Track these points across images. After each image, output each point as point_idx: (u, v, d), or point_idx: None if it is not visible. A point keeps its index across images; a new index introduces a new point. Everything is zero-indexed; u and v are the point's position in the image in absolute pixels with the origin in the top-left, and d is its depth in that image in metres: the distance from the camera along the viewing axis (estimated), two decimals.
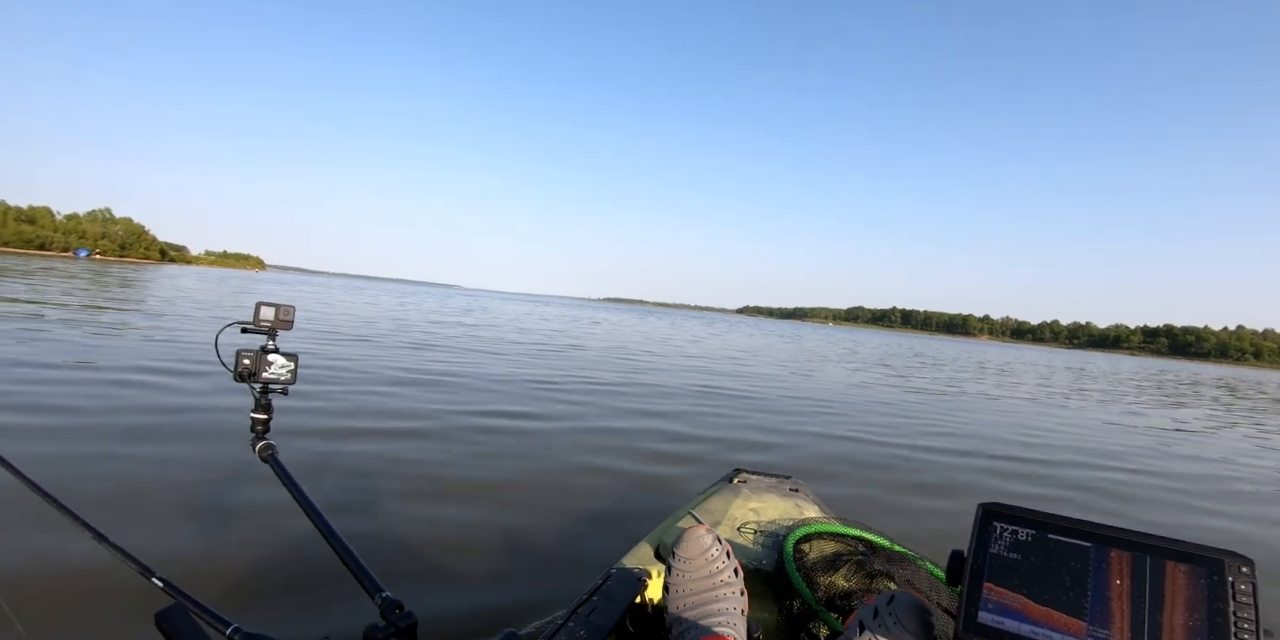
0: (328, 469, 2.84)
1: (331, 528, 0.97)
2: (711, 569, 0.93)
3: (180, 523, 2.18)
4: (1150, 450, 5.73)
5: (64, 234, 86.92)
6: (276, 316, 1.13)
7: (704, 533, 0.96)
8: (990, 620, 0.66)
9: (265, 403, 1.13)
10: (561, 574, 2.03)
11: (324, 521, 0.98)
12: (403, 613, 0.79)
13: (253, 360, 1.11)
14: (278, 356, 1.13)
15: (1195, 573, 0.63)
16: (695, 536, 0.95)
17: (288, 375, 1.14)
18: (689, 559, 0.94)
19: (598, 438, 4.04)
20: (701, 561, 0.94)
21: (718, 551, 0.95)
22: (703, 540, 0.95)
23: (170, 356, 5.61)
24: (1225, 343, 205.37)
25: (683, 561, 0.94)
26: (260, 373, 1.11)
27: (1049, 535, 0.69)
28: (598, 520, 2.57)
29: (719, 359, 11.64)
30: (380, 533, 2.22)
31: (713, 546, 0.95)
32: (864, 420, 5.82)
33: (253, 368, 1.10)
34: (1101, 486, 4.04)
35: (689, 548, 0.95)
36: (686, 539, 0.95)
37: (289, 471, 1.07)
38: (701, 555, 0.94)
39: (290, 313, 1.15)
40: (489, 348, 9.05)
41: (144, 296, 13.37)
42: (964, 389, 10.43)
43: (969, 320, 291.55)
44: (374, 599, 0.83)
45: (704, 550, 0.94)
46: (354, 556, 0.91)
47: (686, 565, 0.94)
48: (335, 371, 5.54)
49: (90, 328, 6.96)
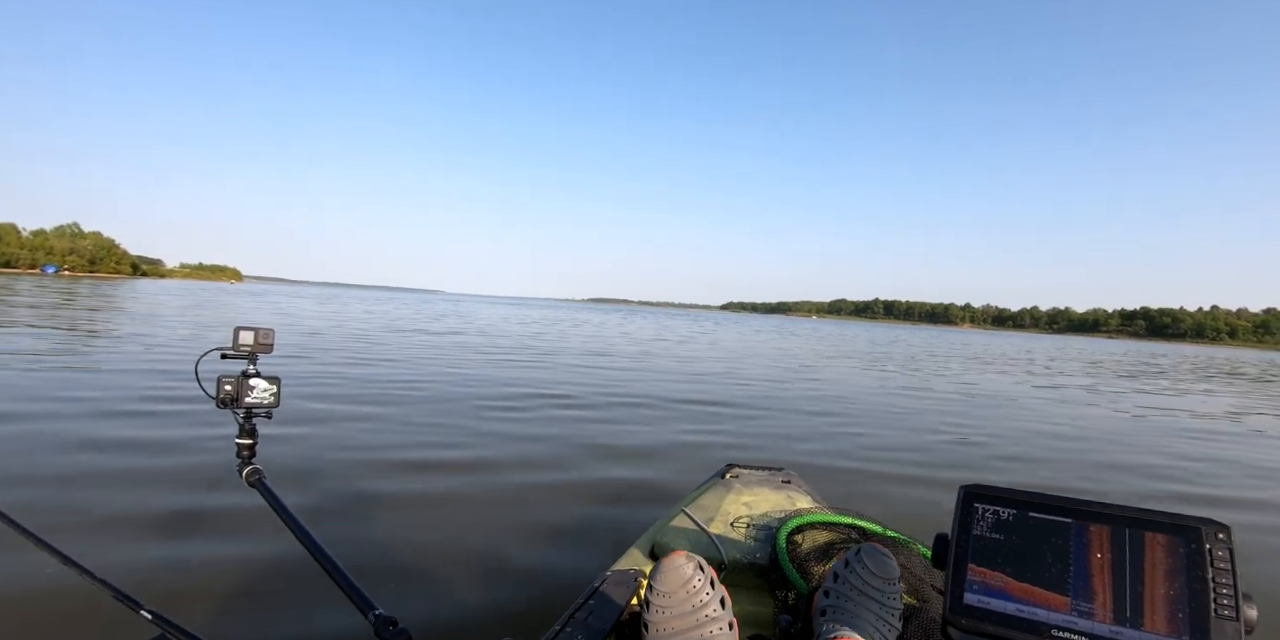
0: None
1: (322, 548, 0.96)
2: (695, 603, 0.82)
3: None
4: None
5: (31, 250, 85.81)
6: (256, 340, 1.11)
7: (683, 561, 0.84)
8: (976, 601, 0.66)
9: (250, 428, 1.12)
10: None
11: (314, 543, 0.98)
12: (397, 629, 0.79)
13: (234, 386, 1.10)
14: (259, 380, 1.12)
15: (1173, 542, 0.64)
16: (674, 566, 0.83)
17: (271, 399, 1.13)
18: (668, 593, 0.82)
19: (559, 504, 2.79)
20: (683, 595, 0.82)
21: (700, 582, 0.84)
22: (683, 570, 0.83)
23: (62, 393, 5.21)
24: (1201, 323, 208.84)
25: (661, 596, 0.83)
26: (243, 398, 1.10)
27: (1030, 513, 0.69)
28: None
29: (718, 370, 10.82)
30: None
31: (694, 577, 0.83)
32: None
33: (235, 393, 1.10)
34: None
35: (667, 580, 0.83)
36: (664, 570, 0.84)
37: (277, 495, 1.07)
38: (682, 587, 0.83)
39: (270, 336, 1.13)
40: (445, 358, 8.66)
41: (75, 316, 12.84)
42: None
43: (951, 309, 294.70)
44: (367, 617, 0.82)
45: (685, 581, 0.83)
46: (345, 576, 0.91)
47: (666, 600, 0.82)
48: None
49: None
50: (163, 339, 8.60)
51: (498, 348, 10.75)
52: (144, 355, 6.79)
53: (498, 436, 4.01)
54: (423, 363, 7.73)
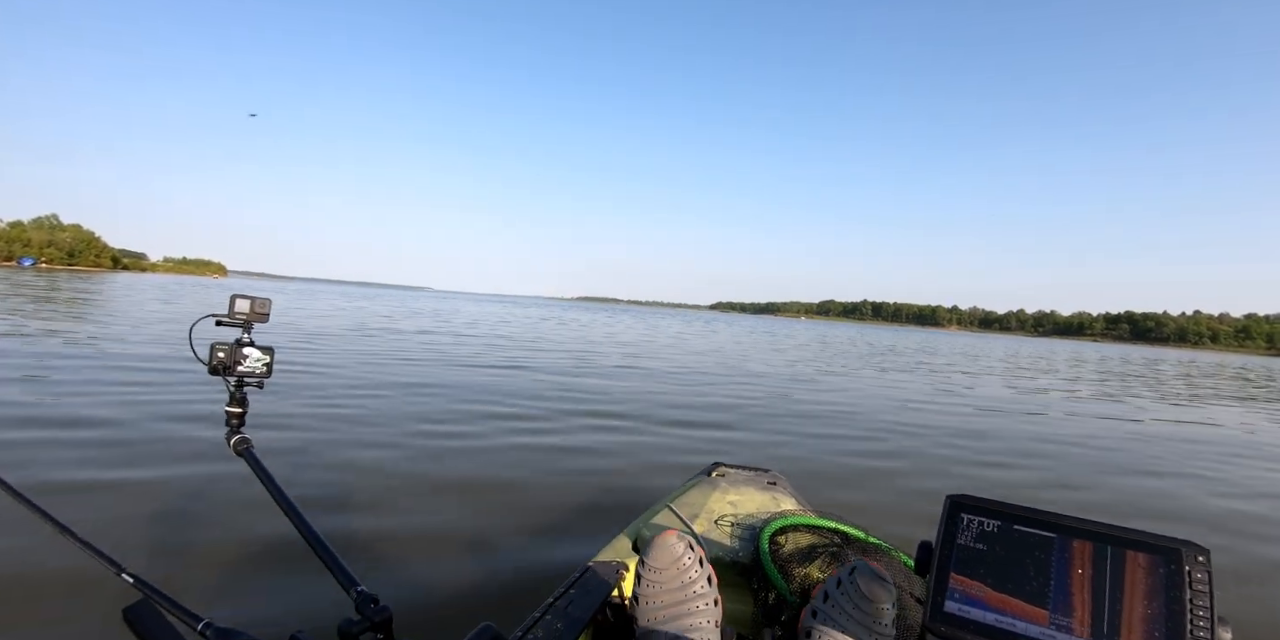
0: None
1: (306, 522, 0.93)
2: (684, 579, 0.89)
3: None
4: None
5: (7, 242, 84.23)
6: (252, 309, 1.08)
7: (675, 539, 0.91)
8: (956, 609, 0.67)
9: (241, 397, 1.08)
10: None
11: (299, 515, 0.94)
12: (378, 607, 0.77)
13: (227, 353, 1.06)
14: (253, 350, 1.08)
15: (1154, 562, 0.64)
16: (667, 544, 0.90)
17: (263, 369, 1.10)
18: (660, 569, 0.89)
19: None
20: (674, 571, 0.89)
21: (690, 559, 0.90)
22: (674, 548, 0.90)
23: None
24: (1184, 328, 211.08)
25: (653, 572, 0.89)
26: (235, 366, 1.07)
27: (1014, 526, 0.70)
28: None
29: (729, 384, 9.99)
30: None
31: (685, 554, 0.90)
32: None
33: (227, 361, 1.06)
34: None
35: (660, 556, 0.89)
36: (657, 546, 0.90)
37: (264, 465, 1.02)
38: (674, 564, 0.89)
39: (266, 305, 1.10)
40: (398, 366, 7.84)
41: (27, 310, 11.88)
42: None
43: (938, 311, 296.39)
44: (349, 593, 0.81)
45: (676, 559, 0.89)
46: (329, 550, 0.88)
47: (658, 576, 0.89)
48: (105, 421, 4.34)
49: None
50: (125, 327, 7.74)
51: (463, 349, 9.95)
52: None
53: (410, 488, 3.24)
54: (362, 367, 6.93)
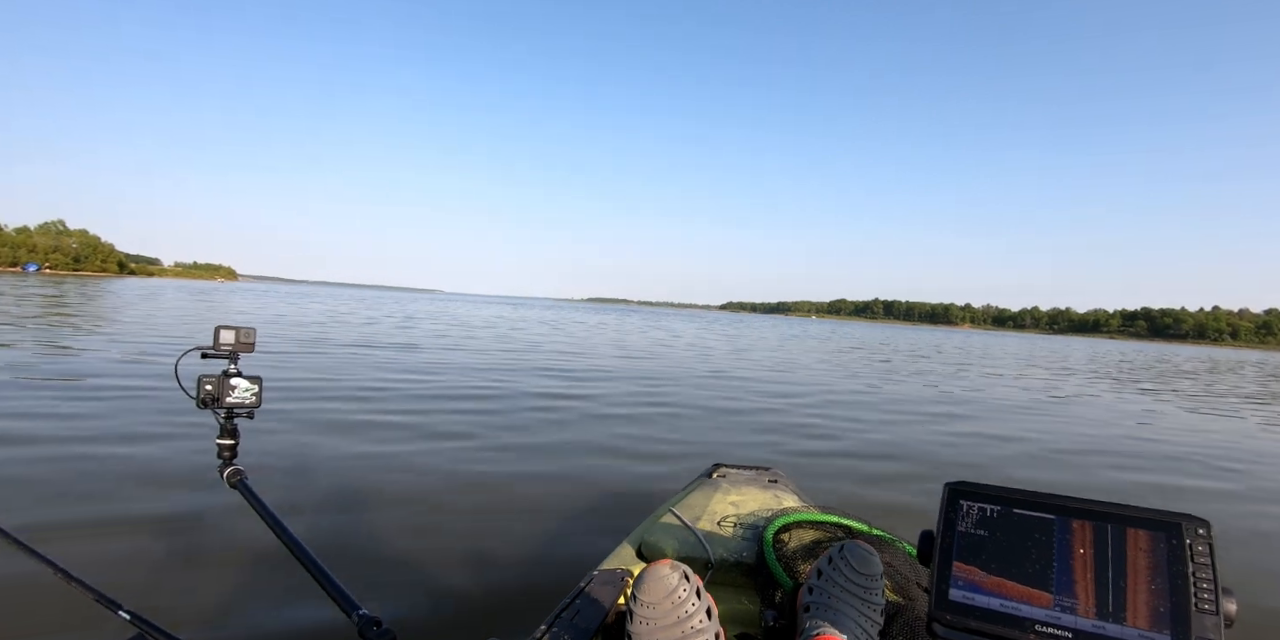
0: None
1: (305, 548, 0.94)
2: (680, 614, 0.79)
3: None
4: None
5: (12, 248, 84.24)
6: (237, 339, 1.09)
7: (668, 570, 0.81)
8: (961, 597, 0.66)
9: (231, 428, 1.10)
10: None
11: (296, 543, 0.95)
12: (381, 630, 0.77)
13: (215, 385, 1.07)
14: (240, 380, 1.09)
15: (1155, 537, 0.63)
16: (658, 576, 0.80)
17: (252, 399, 1.10)
18: (653, 603, 0.79)
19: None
20: (668, 605, 0.79)
21: (686, 591, 0.80)
22: (667, 580, 0.80)
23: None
24: (1203, 324, 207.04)
25: (646, 607, 0.79)
26: (224, 398, 1.08)
27: (1014, 510, 0.69)
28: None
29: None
30: None
31: (679, 586, 0.80)
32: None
33: (215, 393, 1.07)
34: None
35: (652, 590, 0.79)
36: (648, 579, 0.80)
37: (259, 496, 1.03)
38: (667, 598, 0.79)
39: (251, 335, 1.11)
40: (376, 382, 6.67)
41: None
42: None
43: (951, 309, 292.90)
44: (351, 617, 0.80)
45: (670, 591, 0.79)
46: (328, 576, 0.89)
47: (651, 611, 0.79)
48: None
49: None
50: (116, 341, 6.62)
51: (431, 361, 8.76)
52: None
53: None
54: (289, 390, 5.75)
